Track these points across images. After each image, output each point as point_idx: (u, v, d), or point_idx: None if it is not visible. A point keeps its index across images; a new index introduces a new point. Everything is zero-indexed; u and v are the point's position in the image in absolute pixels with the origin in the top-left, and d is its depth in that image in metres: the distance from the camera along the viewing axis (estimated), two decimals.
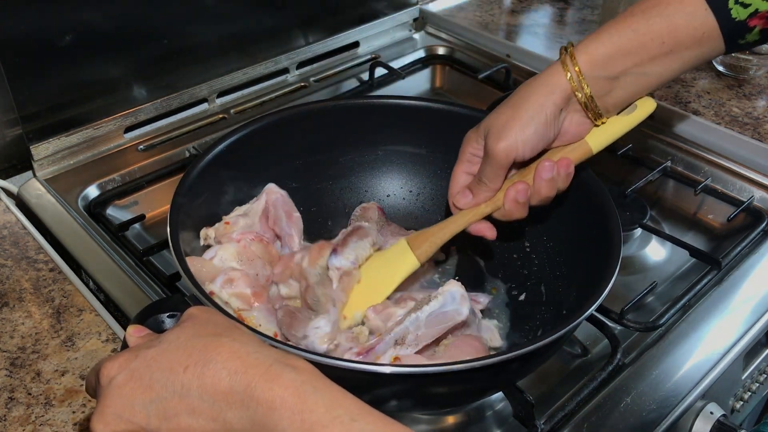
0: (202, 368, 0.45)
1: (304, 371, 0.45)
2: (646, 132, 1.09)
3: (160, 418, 0.45)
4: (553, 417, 0.69)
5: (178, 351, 0.46)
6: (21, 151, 0.97)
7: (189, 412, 0.45)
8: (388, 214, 0.89)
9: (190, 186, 0.74)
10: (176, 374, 0.45)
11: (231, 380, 0.44)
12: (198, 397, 0.44)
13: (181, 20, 1.05)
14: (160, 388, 0.45)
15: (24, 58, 0.91)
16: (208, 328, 0.48)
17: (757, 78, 1.21)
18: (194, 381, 0.45)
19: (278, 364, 0.44)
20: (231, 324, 0.50)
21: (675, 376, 0.74)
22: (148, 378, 0.46)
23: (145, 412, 0.45)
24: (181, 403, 0.45)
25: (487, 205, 0.71)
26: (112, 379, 0.46)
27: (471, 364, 0.56)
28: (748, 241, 0.90)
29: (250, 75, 1.16)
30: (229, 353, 0.45)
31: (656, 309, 0.85)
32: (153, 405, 0.45)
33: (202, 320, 0.49)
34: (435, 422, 0.72)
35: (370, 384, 0.45)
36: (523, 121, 0.66)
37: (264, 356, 0.45)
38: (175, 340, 0.47)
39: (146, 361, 0.46)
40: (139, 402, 0.45)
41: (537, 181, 0.69)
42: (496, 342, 0.75)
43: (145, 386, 0.45)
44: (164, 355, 0.46)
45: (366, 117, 0.88)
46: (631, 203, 0.96)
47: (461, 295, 0.66)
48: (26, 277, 0.83)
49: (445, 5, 1.42)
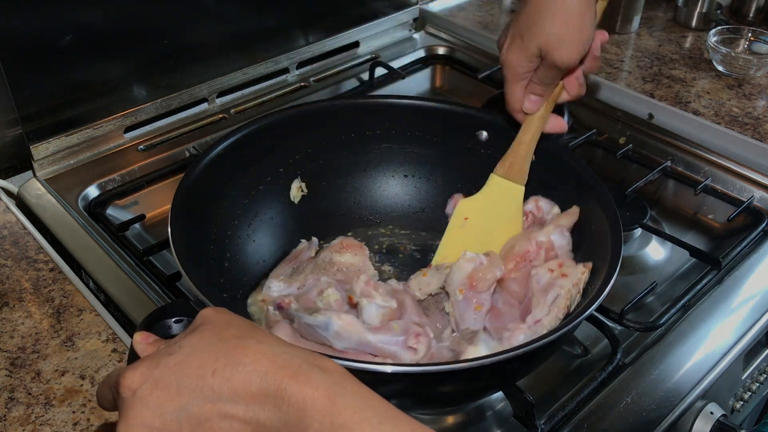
0: (231, 371, 0.44)
1: (333, 372, 0.44)
2: (646, 132, 1.09)
3: (193, 424, 0.44)
4: (553, 417, 0.69)
5: (203, 355, 0.45)
6: (21, 151, 0.97)
7: (221, 417, 0.44)
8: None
9: (190, 186, 0.74)
10: (204, 379, 0.44)
11: (262, 382, 0.43)
12: (230, 401, 0.44)
13: (181, 20, 1.05)
14: (189, 395, 0.44)
15: (24, 58, 0.91)
16: (229, 330, 0.47)
17: (757, 78, 1.21)
18: (224, 384, 0.44)
19: (307, 365, 0.44)
20: (250, 325, 0.49)
21: (675, 376, 0.74)
22: (175, 385, 0.45)
23: (175, 419, 0.44)
24: (213, 408, 0.44)
25: (551, 101, 0.76)
26: (135, 390, 0.45)
27: (471, 364, 0.56)
28: (748, 241, 0.90)
29: (250, 75, 1.16)
30: (257, 354, 0.44)
31: (656, 309, 0.85)
32: (183, 412, 0.44)
33: (220, 323, 0.48)
34: (435, 422, 0.72)
35: (371, 383, 0.45)
36: (580, 25, 0.69)
37: (292, 356, 0.45)
38: (196, 344, 0.46)
39: (170, 368, 0.45)
40: (169, 410, 0.44)
41: (590, 58, 0.73)
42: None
43: (173, 394, 0.44)
44: (188, 361, 0.45)
45: (366, 117, 0.88)
46: (631, 203, 0.96)
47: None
48: (26, 277, 0.83)
49: (445, 5, 1.42)
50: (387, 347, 0.64)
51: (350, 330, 0.63)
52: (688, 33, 1.37)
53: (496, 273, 0.70)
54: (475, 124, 0.86)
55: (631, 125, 1.10)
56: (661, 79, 1.20)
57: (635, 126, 1.10)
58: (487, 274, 0.70)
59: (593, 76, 1.18)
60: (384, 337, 0.64)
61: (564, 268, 0.70)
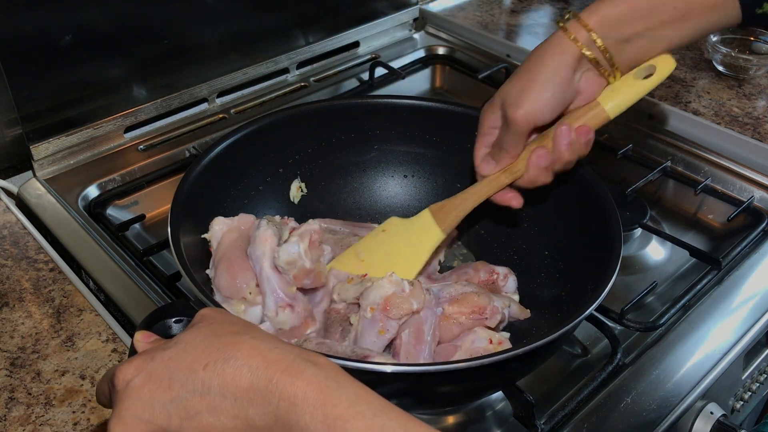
0: (222, 365, 0.44)
1: (326, 367, 0.44)
2: (646, 132, 1.09)
3: (182, 417, 0.45)
4: (553, 417, 0.69)
5: (197, 350, 0.46)
6: (21, 151, 0.97)
7: (210, 410, 0.44)
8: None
9: (190, 186, 0.74)
10: (196, 373, 0.45)
11: (252, 376, 0.43)
12: (219, 395, 0.44)
13: (181, 20, 1.05)
14: (180, 388, 0.45)
15: (24, 58, 0.91)
16: (225, 327, 0.48)
17: (757, 78, 1.21)
18: (215, 378, 0.44)
19: (300, 360, 0.44)
20: (247, 322, 0.50)
21: (675, 376, 0.74)
22: (167, 378, 0.45)
23: (165, 412, 0.45)
24: (202, 402, 0.44)
25: (509, 173, 0.72)
26: (128, 382, 0.46)
27: (471, 364, 0.56)
28: (748, 241, 0.90)
29: (250, 75, 1.16)
30: (250, 350, 0.45)
31: (656, 309, 0.85)
32: (173, 404, 0.45)
33: (217, 320, 0.49)
34: (435, 422, 0.72)
35: (370, 383, 0.45)
36: (540, 85, 0.67)
37: (285, 352, 0.45)
38: (192, 340, 0.47)
39: (164, 361, 0.46)
40: (159, 402, 0.45)
41: (557, 146, 0.69)
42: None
43: (165, 386, 0.45)
44: (183, 355, 0.46)
45: (366, 117, 0.88)
46: (631, 203, 0.96)
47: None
48: (26, 277, 0.83)
49: (445, 5, 1.42)
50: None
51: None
52: None
53: (413, 305, 0.67)
54: (475, 124, 0.86)
55: (631, 125, 1.10)
56: None
57: (635, 126, 1.10)
58: (404, 303, 0.67)
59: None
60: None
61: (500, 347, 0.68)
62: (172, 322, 0.56)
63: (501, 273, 0.78)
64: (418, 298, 0.68)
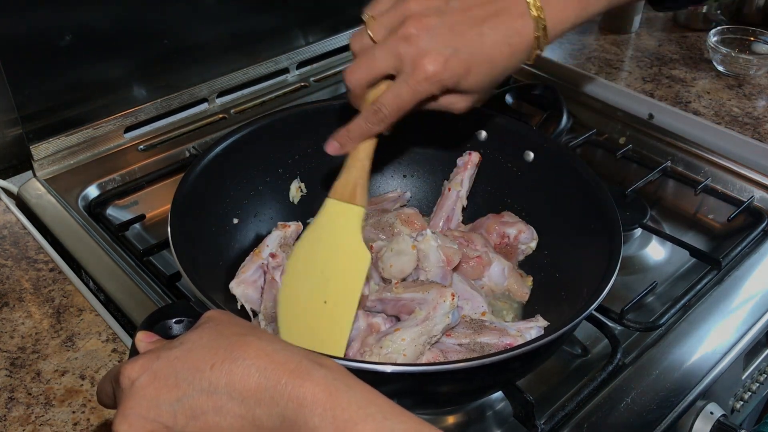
0: (229, 366, 0.44)
1: (333, 368, 0.44)
2: (646, 132, 1.09)
3: (187, 416, 0.45)
4: (553, 417, 0.69)
5: (203, 350, 0.46)
6: (21, 151, 0.97)
7: (216, 410, 0.44)
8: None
9: (190, 186, 0.74)
10: (203, 372, 0.45)
11: (260, 377, 0.43)
12: (226, 395, 0.44)
13: (181, 20, 1.05)
14: (186, 387, 0.45)
15: (24, 58, 0.91)
16: (231, 328, 0.48)
17: (757, 78, 1.21)
18: (222, 378, 0.44)
19: (307, 361, 0.44)
20: (252, 325, 0.50)
21: (675, 376, 0.74)
22: (173, 377, 0.45)
23: (171, 411, 0.45)
24: (208, 401, 0.44)
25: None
26: (134, 381, 0.46)
27: (471, 364, 0.56)
28: (748, 241, 0.90)
29: (250, 75, 1.16)
30: (257, 351, 0.45)
31: (656, 309, 0.85)
32: (179, 404, 0.45)
33: (223, 321, 0.49)
34: (435, 422, 0.72)
35: (371, 383, 0.45)
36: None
37: (291, 354, 0.45)
38: (198, 339, 0.47)
39: (170, 361, 0.46)
40: (165, 401, 0.45)
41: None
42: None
43: (171, 385, 0.45)
44: (189, 355, 0.46)
45: None
46: (631, 203, 0.96)
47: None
48: (26, 277, 0.83)
49: None
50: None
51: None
52: (688, 33, 1.37)
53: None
54: (474, 124, 0.86)
55: (631, 125, 1.10)
56: (661, 79, 1.20)
57: (635, 126, 1.10)
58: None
59: (593, 75, 1.18)
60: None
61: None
62: (172, 323, 0.57)
63: (511, 235, 0.78)
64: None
